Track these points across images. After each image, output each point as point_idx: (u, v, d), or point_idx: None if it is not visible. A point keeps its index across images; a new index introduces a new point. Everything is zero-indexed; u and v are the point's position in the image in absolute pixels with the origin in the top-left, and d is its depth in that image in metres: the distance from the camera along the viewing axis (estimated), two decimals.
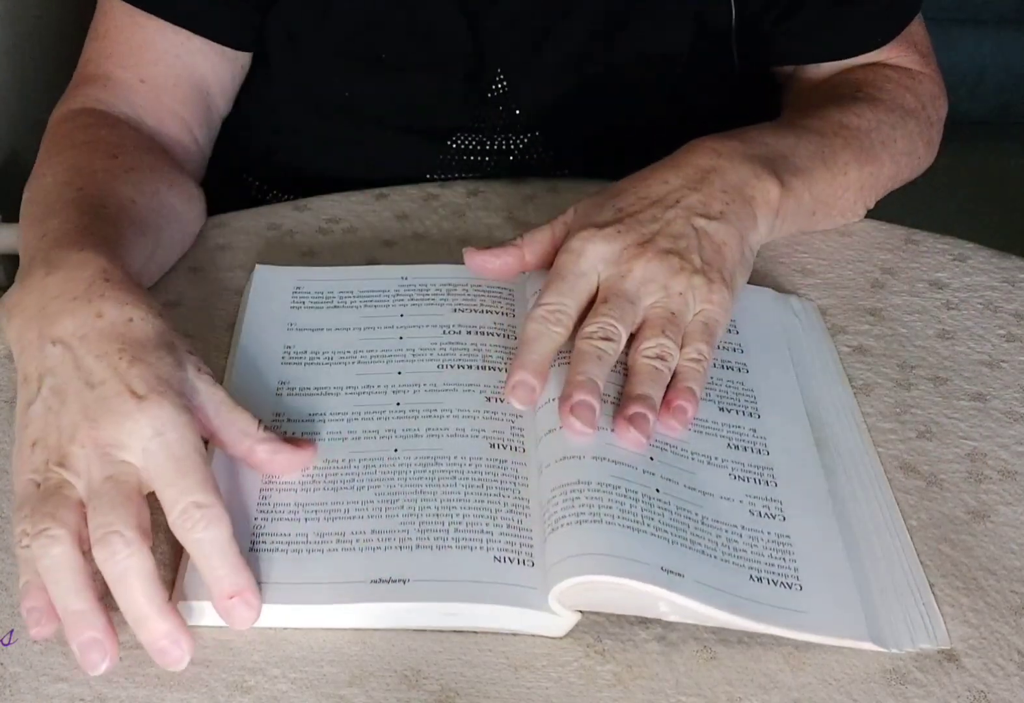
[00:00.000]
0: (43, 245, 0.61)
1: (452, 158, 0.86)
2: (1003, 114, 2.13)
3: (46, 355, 0.54)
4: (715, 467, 0.57)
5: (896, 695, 0.50)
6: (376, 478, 0.56)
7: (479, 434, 0.58)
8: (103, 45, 0.79)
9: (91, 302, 0.55)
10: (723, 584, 0.51)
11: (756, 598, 0.51)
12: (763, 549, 0.53)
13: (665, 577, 0.50)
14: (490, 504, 0.55)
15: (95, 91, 0.78)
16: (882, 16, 0.85)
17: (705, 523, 0.54)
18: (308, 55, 0.83)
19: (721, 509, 0.55)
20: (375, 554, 0.53)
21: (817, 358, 0.66)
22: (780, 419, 0.61)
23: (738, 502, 0.55)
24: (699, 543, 0.52)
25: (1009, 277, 0.74)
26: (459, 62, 0.83)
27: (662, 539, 0.51)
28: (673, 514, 0.53)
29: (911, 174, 0.82)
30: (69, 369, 0.54)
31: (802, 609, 0.51)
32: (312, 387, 0.62)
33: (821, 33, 0.84)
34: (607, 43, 0.83)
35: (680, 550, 0.51)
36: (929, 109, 0.83)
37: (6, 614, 0.52)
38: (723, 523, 0.54)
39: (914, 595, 0.54)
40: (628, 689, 0.50)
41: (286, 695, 0.49)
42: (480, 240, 0.75)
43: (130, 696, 0.49)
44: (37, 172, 0.71)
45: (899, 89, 0.82)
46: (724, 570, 0.52)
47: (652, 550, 0.51)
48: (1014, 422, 0.64)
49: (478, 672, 0.50)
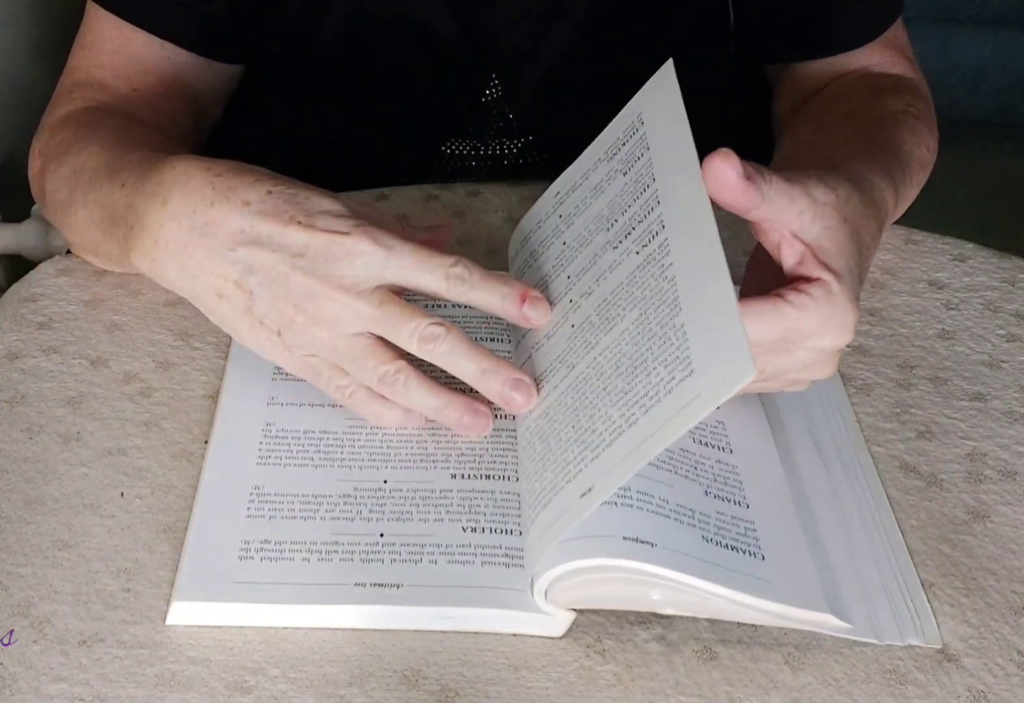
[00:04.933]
0: (129, 191, 0.62)
1: (446, 164, 0.86)
2: (1003, 114, 2.13)
3: (232, 263, 0.56)
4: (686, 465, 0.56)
5: (896, 695, 0.50)
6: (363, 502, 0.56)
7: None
8: (92, 54, 0.79)
9: (229, 198, 0.57)
10: (690, 550, 0.50)
11: (721, 563, 0.51)
12: (726, 521, 0.53)
13: (632, 546, 0.49)
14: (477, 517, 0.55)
15: (93, 94, 0.77)
16: (868, 13, 0.85)
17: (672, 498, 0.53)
18: (304, 60, 0.83)
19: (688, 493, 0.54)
20: (370, 559, 0.53)
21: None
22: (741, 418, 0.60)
23: (703, 494, 0.54)
24: (665, 509, 0.52)
25: (1009, 277, 0.74)
26: (453, 67, 0.82)
27: (627, 508, 0.51)
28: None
29: None
30: (267, 258, 0.56)
31: (766, 578, 0.51)
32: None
33: (808, 30, 0.84)
34: (601, 46, 0.82)
35: (647, 516, 0.51)
36: (929, 114, 0.83)
37: (6, 614, 0.52)
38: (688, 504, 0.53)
39: (903, 592, 0.54)
40: (628, 689, 0.50)
41: (286, 695, 0.49)
42: (480, 240, 0.75)
43: (130, 696, 0.49)
44: (72, 149, 0.70)
45: (920, 103, 0.80)
46: (691, 536, 0.51)
47: (615, 522, 0.50)
48: (1014, 422, 0.64)
49: (478, 672, 0.50)
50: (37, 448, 0.60)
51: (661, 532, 0.50)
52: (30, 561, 0.54)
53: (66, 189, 0.69)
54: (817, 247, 0.55)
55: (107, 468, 0.59)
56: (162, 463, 0.59)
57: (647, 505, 0.51)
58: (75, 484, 0.58)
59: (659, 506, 0.52)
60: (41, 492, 0.58)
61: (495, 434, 0.59)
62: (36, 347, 0.66)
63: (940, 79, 0.88)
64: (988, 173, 1.96)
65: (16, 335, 0.67)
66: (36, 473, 0.59)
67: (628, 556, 0.49)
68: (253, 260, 0.56)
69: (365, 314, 0.56)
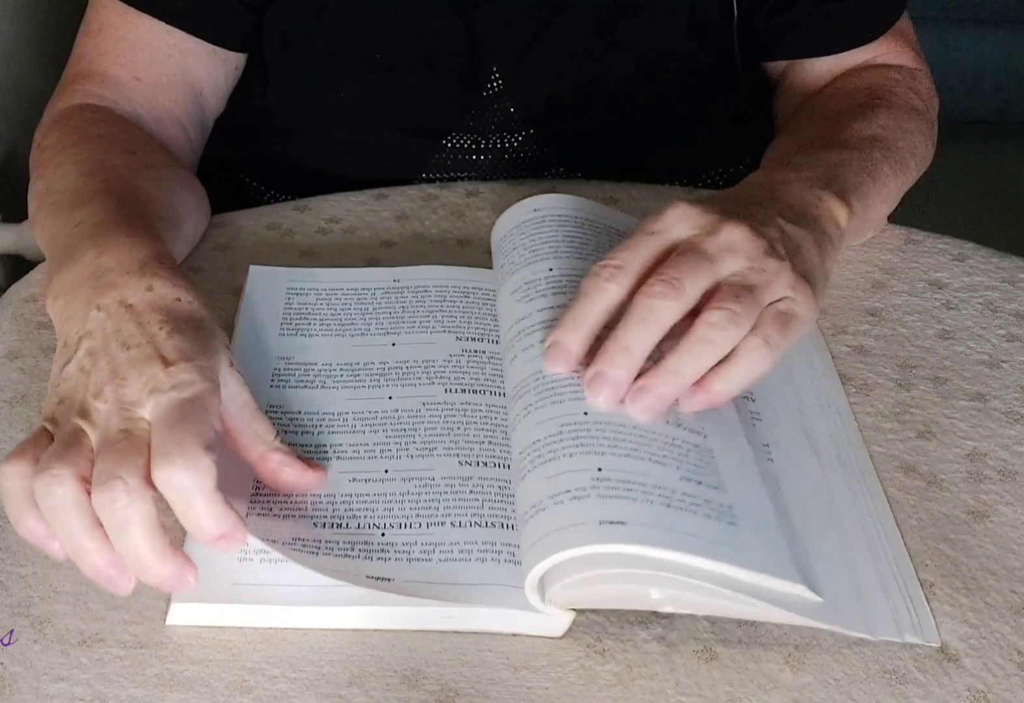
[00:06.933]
0: (83, 231, 0.61)
1: (447, 157, 0.86)
2: (1003, 114, 2.13)
3: (89, 319, 0.55)
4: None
5: (896, 695, 0.50)
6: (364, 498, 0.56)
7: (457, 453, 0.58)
8: (97, 42, 0.79)
9: (143, 277, 0.56)
10: (668, 523, 0.49)
11: (702, 534, 0.50)
12: (699, 497, 0.52)
13: (606, 530, 0.48)
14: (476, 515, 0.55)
15: (93, 87, 0.78)
16: (873, 10, 0.85)
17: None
18: (303, 55, 0.83)
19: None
20: (370, 559, 0.53)
21: (801, 353, 0.66)
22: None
23: (678, 478, 0.53)
24: (640, 490, 0.51)
25: (1009, 277, 0.74)
26: (453, 61, 0.82)
27: (599, 495, 0.50)
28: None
29: (919, 175, 0.82)
30: (108, 332, 0.54)
31: (740, 548, 0.50)
32: (304, 383, 0.62)
33: (813, 28, 0.84)
34: (601, 40, 0.82)
35: (622, 501, 0.50)
36: (931, 108, 0.83)
37: (6, 614, 0.52)
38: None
39: (901, 590, 0.54)
40: (628, 689, 0.50)
41: (286, 695, 0.49)
42: (480, 240, 0.75)
43: (130, 696, 0.49)
44: (52, 162, 0.71)
45: (908, 92, 0.81)
46: (668, 513, 0.50)
47: (587, 508, 0.49)
48: (1014, 422, 0.64)
49: (478, 672, 0.50)
50: None
51: (632, 510, 0.49)
52: (30, 561, 0.54)
53: (35, 204, 0.70)
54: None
55: None
56: None
57: (618, 491, 0.50)
58: None
59: (629, 490, 0.50)
60: None
61: (497, 428, 0.59)
62: (36, 347, 0.66)
63: (939, 79, 0.88)
64: (988, 173, 1.96)
65: (16, 335, 0.67)
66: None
67: (603, 540, 0.48)
68: (98, 327, 0.54)
69: (110, 432, 0.50)
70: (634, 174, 0.83)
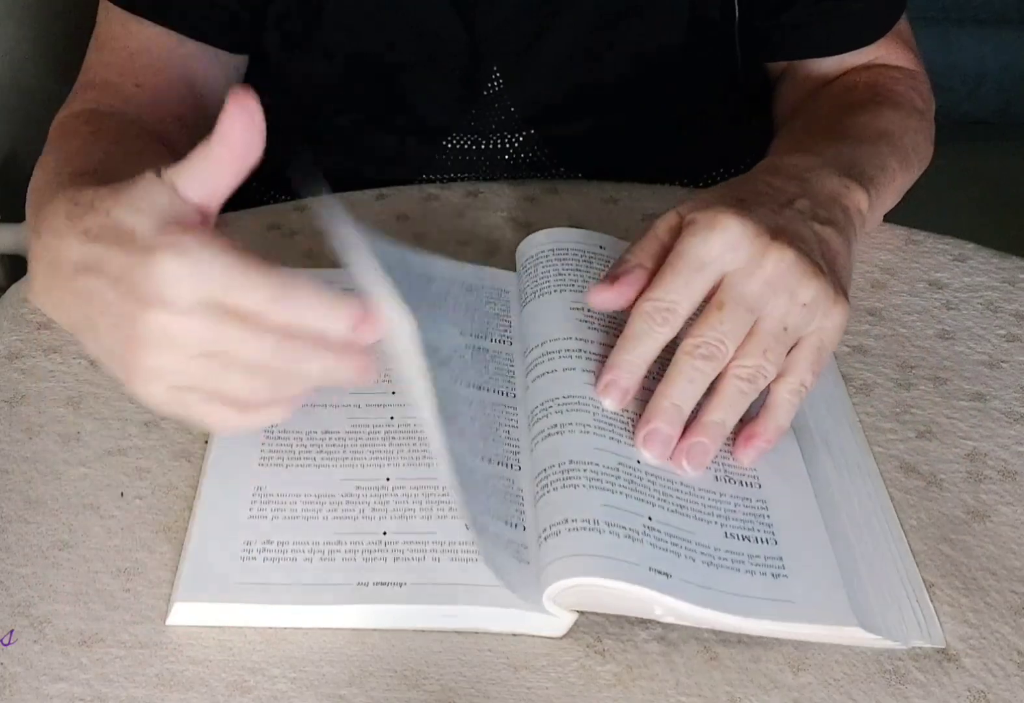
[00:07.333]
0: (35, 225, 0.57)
1: (447, 158, 0.86)
2: (1003, 114, 2.13)
3: (75, 295, 0.51)
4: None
5: (896, 695, 0.50)
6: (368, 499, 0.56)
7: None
8: (101, 55, 0.81)
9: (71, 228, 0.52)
10: (709, 582, 0.51)
11: (744, 592, 0.51)
12: (744, 555, 0.53)
13: (653, 577, 0.50)
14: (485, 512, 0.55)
15: (95, 95, 0.79)
16: (874, 11, 0.85)
17: (694, 521, 0.54)
18: (303, 55, 0.83)
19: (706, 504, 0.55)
20: (372, 558, 0.53)
21: None
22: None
23: (723, 535, 0.54)
24: (684, 546, 0.52)
25: (1009, 277, 0.74)
26: (454, 61, 0.83)
27: (650, 543, 0.51)
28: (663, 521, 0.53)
29: (919, 175, 0.82)
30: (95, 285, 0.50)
31: (789, 598, 0.51)
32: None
33: (814, 28, 0.84)
34: (601, 40, 0.82)
35: (668, 554, 0.51)
36: (930, 110, 0.83)
37: (6, 614, 0.52)
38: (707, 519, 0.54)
39: (908, 592, 0.54)
40: (628, 689, 0.50)
41: (286, 695, 0.49)
42: (480, 241, 0.75)
43: (130, 696, 0.49)
44: (41, 162, 0.71)
45: (910, 91, 0.82)
46: (709, 571, 0.52)
47: (640, 552, 0.51)
48: (1014, 422, 0.64)
49: (478, 672, 0.50)
50: (37, 448, 0.60)
51: (681, 565, 0.51)
52: (30, 561, 0.54)
53: (28, 197, 0.70)
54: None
55: (107, 468, 0.59)
56: (162, 463, 0.59)
57: (666, 544, 0.52)
58: (75, 484, 0.58)
59: (675, 544, 0.52)
60: (41, 492, 0.58)
61: (498, 426, 0.59)
62: (36, 347, 0.66)
63: (940, 79, 0.88)
64: (988, 173, 1.96)
65: (16, 335, 0.67)
66: (36, 473, 0.59)
67: (650, 585, 0.49)
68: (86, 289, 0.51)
69: (196, 332, 0.47)
70: (634, 174, 0.83)
